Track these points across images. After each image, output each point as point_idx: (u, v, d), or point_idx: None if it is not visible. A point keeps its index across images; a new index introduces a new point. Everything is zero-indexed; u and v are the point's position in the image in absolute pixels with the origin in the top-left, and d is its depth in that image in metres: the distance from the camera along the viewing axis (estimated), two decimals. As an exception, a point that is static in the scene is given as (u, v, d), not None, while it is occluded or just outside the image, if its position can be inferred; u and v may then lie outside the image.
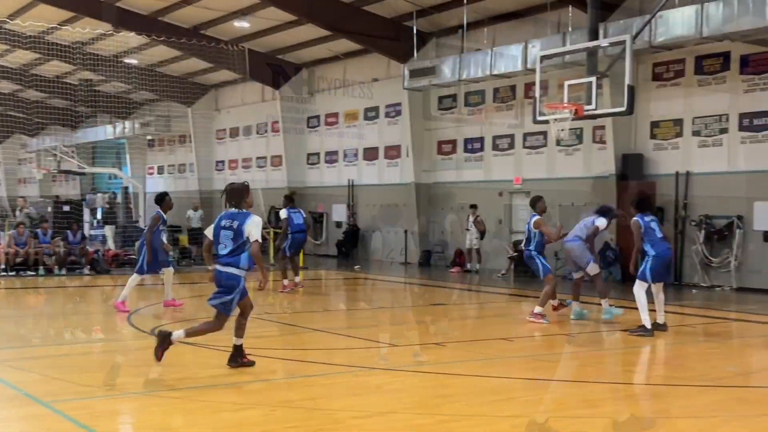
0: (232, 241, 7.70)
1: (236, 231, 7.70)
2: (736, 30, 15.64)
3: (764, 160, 17.05)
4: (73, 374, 7.87)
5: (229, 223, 7.76)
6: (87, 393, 7.10)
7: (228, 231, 7.75)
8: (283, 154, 29.93)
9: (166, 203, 12.64)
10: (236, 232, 7.70)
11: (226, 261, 7.70)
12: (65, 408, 6.41)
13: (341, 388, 7.37)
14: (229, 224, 7.76)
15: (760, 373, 8.81)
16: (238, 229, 7.69)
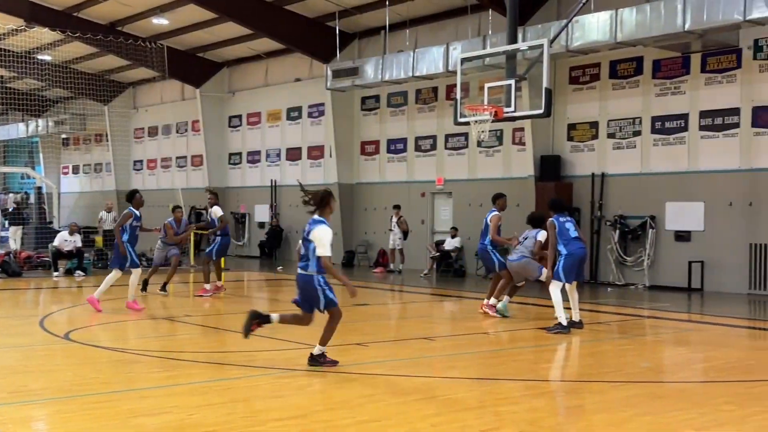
0: (304, 247, 8.24)
1: (306, 237, 8.18)
2: (649, 36, 16.18)
3: (675, 161, 17.67)
4: (-19, 381, 7.58)
5: (307, 229, 8.23)
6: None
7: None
8: (204, 154, 29.51)
9: (136, 200, 12.70)
10: (306, 239, 8.18)
11: (300, 265, 8.32)
12: (-28, 417, 6.17)
13: (262, 390, 7.31)
14: (306, 230, 8.24)
15: (672, 369, 9.12)
16: (307, 236, 8.17)
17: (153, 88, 32.16)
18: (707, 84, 17.17)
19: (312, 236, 8.07)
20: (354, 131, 24.83)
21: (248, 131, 28.73)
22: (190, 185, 30.18)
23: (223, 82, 29.39)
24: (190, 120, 30.71)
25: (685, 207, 17.49)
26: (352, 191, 24.56)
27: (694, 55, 17.29)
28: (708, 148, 17.16)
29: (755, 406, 6.82)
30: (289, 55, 25.96)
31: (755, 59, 16.42)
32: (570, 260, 10.86)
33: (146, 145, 33.50)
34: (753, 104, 16.45)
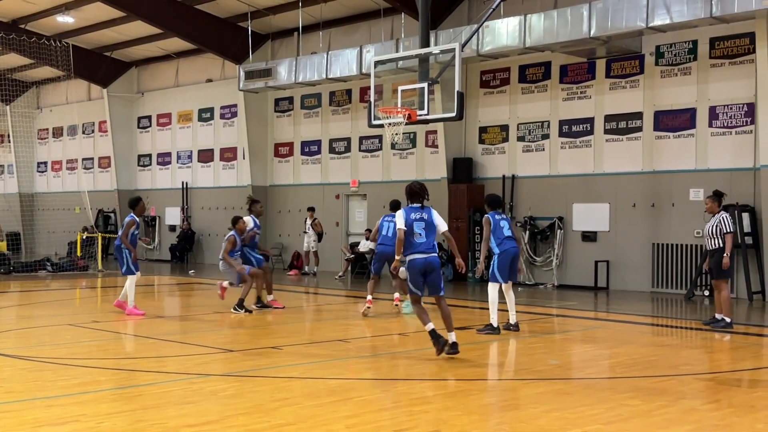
0: (425, 232, 8.80)
1: (427, 222, 8.83)
2: (556, 41, 16.64)
3: (581, 164, 18.21)
4: None
5: (421, 216, 8.84)
6: None
7: (420, 222, 8.82)
8: (112, 156, 28.76)
9: (140, 207, 13.03)
10: (428, 223, 8.82)
11: (427, 248, 8.85)
12: None
13: (174, 396, 7.18)
14: (420, 216, 8.83)
15: (579, 366, 9.39)
16: (429, 220, 8.84)
17: (58, 87, 31.13)
18: (612, 89, 17.76)
19: (437, 220, 8.83)
20: (267, 133, 24.64)
21: (158, 132, 28.15)
22: (98, 187, 29.36)
23: (131, 82, 28.71)
24: (97, 120, 29.88)
25: (591, 208, 18.04)
26: (265, 193, 24.35)
27: (599, 61, 17.86)
28: (612, 151, 17.74)
29: (659, 401, 7.09)
30: (201, 55, 25.57)
31: (657, 65, 17.08)
32: (503, 259, 10.82)
33: (51, 146, 32.42)
34: (655, 108, 17.11)
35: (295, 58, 21.65)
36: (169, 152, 27.71)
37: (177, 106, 27.31)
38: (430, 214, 8.94)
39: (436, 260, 8.90)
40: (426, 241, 8.83)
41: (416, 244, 8.80)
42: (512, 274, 11.05)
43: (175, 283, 20.38)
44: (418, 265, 8.83)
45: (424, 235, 8.82)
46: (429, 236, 8.85)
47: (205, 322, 12.47)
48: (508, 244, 10.90)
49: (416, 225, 8.81)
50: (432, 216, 8.94)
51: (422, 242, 8.81)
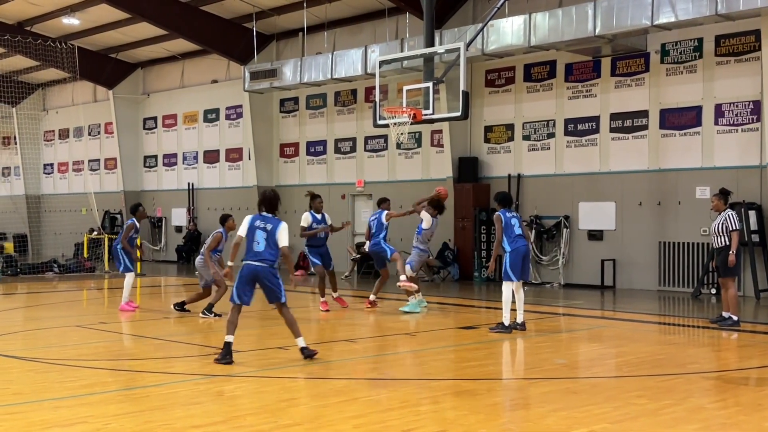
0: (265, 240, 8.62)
1: (269, 233, 8.67)
2: (561, 40, 16.61)
3: (587, 163, 18.17)
4: None
5: (263, 224, 8.71)
6: None
7: (262, 231, 8.68)
8: (118, 157, 28.81)
9: (140, 213, 13.98)
10: (270, 234, 8.66)
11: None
12: None
13: (181, 397, 7.19)
14: (263, 225, 8.70)
15: (586, 365, 9.37)
16: (271, 231, 8.67)
17: (64, 89, 31.20)
18: (617, 87, 17.72)
19: (280, 235, 8.74)
20: (273, 133, 24.66)
21: (164, 133, 28.19)
22: (104, 189, 29.42)
23: (137, 84, 28.75)
24: (103, 122, 29.93)
25: (598, 207, 18.00)
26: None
27: (604, 59, 17.82)
28: (618, 150, 17.70)
29: (666, 399, 7.07)
30: (206, 56, 25.60)
31: (662, 63, 17.04)
32: (515, 257, 10.78)
33: (57, 148, 32.49)
34: (661, 107, 17.06)
35: (300, 58, 21.65)
36: (175, 153, 27.74)
37: (182, 107, 27.35)
38: (276, 227, 8.66)
39: (264, 269, 8.61)
40: (263, 251, 8.59)
41: (252, 251, 8.61)
42: (524, 272, 11.00)
43: (181, 284, 20.40)
44: (245, 273, 8.68)
45: (262, 244, 8.59)
46: (267, 246, 8.59)
47: (210, 323, 12.47)
48: (519, 242, 10.87)
49: (258, 233, 8.63)
50: (277, 229, 8.65)
51: (259, 251, 8.60)
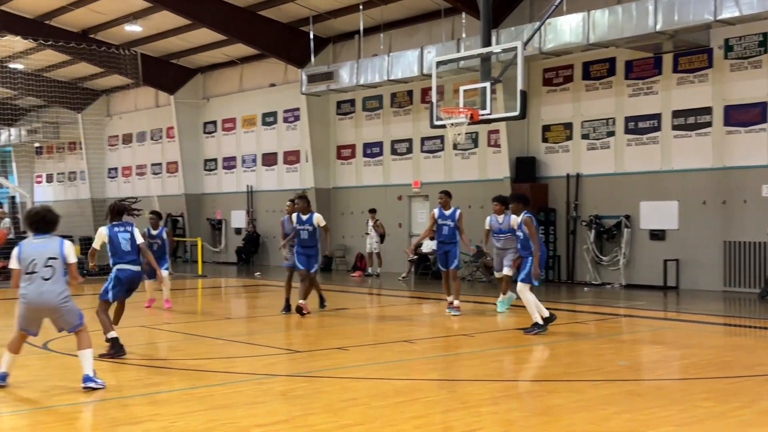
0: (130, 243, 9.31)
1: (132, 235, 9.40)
2: (621, 37, 16.35)
3: (649, 161, 17.86)
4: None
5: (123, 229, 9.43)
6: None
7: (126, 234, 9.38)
8: (179, 161, 29.35)
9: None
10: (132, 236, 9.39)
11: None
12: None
13: (244, 396, 7.30)
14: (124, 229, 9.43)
15: (649, 367, 9.21)
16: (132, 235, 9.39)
17: (127, 95, 31.95)
18: (679, 84, 17.38)
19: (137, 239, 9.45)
20: (330, 135, 24.84)
21: (223, 137, 28.64)
22: (166, 192, 30.00)
23: (197, 89, 29.27)
24: (164, 126, 30.55)
25: (660, 206, 17.68)
26: (328, 196, 24.56)
27: (666, 56, 17.49)
28: (681, 148, 17.36)
29: (734, 402, 6.91)
30: (264, 60, 25.91)
31: (726, 59, 16.65)
32: (542, 260, 10.83)
33: (121, 152, 33.27)
34: (725, 103, 16.67)
35: (356, 60, 21.77)
36: (234, 156, 28.16)
37: (241, 111, 27.74)
38: (133, 231, 9.44)
39: (139, 274, 9.48)
40: (131, 251, 9.33)
41: (123, 254, 9.29)
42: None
43: (241, 285, 20.70)
44: (123, 277, 9.30)
45: (129, 247, 9.32)
46: (133, 249, 9.35)
47: (271, 324, 12.63)
48: (543, 247, 10.94)
49: (121, 237, 9.33)
50: (134, 234, 9.42)
51: (128, 252, 9.31)
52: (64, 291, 7.31)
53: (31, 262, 7.21)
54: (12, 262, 7.25)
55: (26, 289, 7.23)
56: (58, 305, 7.26)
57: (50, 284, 7.19)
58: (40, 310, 7.30)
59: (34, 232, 7.38)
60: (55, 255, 7.26)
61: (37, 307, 7.27)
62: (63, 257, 7.29)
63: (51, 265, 7.20)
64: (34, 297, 7.22)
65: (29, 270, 7.20)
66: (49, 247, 7.28)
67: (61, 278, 7.28)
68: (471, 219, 21.00)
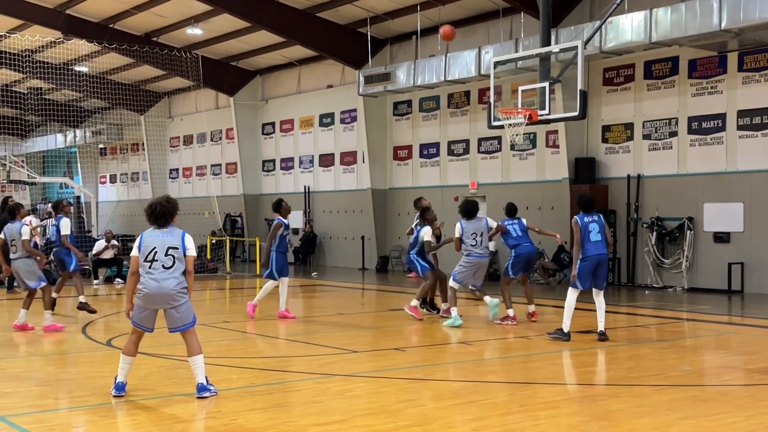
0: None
1: None
2: (684, 35, 16.00)
3: (713, 162, 17.45)
4: (26, 387, 7.72)
5: None
6: (42, 406, 6.98)
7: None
8: (238, 161, 29.74)
9: (284, 209, 13.26)
10: None
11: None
12: (20, 422, 6.29)
13: (301, 395, 7.35)
14: None
15: (714, 372, 8.99)
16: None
17: (188, 97, 32.51)
18: (744, 83, 16.93)
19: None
20: (386, 136, 24.87)
21: (281, 138, 28.92)
22: (225, 192, 30.43)
23: (256, 90, 29.62)
24: (224, 128, 30.99)
25: (724, 208, 17.24)
26: (385, 196, 24.59)
27: (730, 54, 17.06)
28: (746, 148, 16.91)
29: (802, 410, 6.70)
30: (322, 62, 26.09)
31: (794, 57, 16.17)
32: (585, 265, 10.26)
33: (181, 153, 33.85)
34: (792, 103, 16.19)
35: (413, 61, 21.75)
36: (292, 157, 28.41)
37: (299, 112, 27.97)
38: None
39: None
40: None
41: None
42: (597, 281, 10.37)
43: (298, 285, 20.86)
44: None
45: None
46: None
47: (328, 324, 12.70)
48: (592, 250, 10.28)
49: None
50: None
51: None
52: (182, 282, 7.11)
53: (152, 251, 7.08)
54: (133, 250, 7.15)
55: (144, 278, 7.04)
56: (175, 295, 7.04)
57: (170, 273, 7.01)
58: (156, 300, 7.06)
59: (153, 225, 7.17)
60: (177, 246, 7.11)
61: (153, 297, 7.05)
62: (184, 249, 7.13)
63: (172, 255, 7.04)
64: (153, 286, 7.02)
65: (148, 258, 7.04)
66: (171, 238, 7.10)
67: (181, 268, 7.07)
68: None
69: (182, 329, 7.16)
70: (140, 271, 7.10)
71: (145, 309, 7.10)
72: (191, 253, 7.17)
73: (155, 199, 7.41)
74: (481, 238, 12.11)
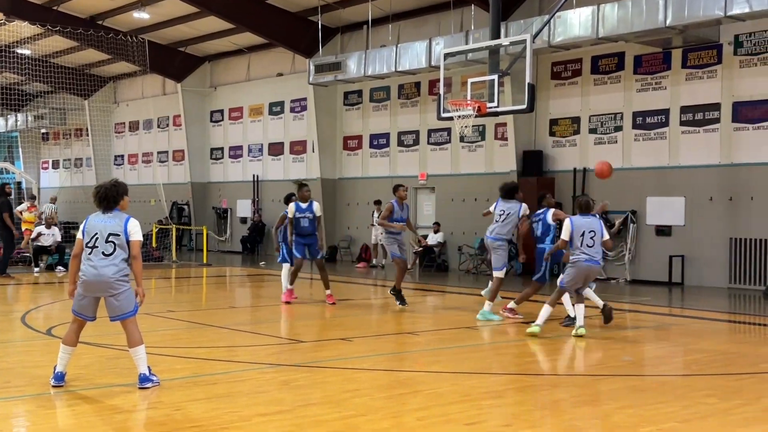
0: None
1: None
2: (630, 31, 16.27)
3: (656, 157, 17.80)
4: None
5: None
6: (-22, 397, 6.82)
7: None
8: (186, 149, 29.36)
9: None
10: None
11: None
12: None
13: (246, 385, 7.30)
14: None
15: (653, 363, 9.19)
16: None
17: (134, 82, 31.95)
18: (688, 79, 17.29)
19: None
20: (337, 126, 24.80)
21: (230, 126, 28.62)
22: (172, 180, 30.02)
23: (204, 77, 29.24)
24: (171, 114, 30.54)
25: (666, 202, 17.62)
26: (334, 186, 24.54)
27: (675, 51, 17.40)
28: (689, 144, 17.28)
29: (737, 399, 6.89)
30: (272, 49, 25.87)
31: (735, 55, 16.56)
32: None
33: (127, 139, 33.28)
34: (733, 99, 16.59)
35: (364, 51, 21.71)
36: (241, 146, 28.15)
37: (248, 100, 27.71)
38: None
39: None
40: None
41: None
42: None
43: (246, 274, 20.71)
44: None
45: None
46: None
47: (275, 313, 12.63)
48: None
49: None
50: None
51: None
52: (123, 270, 6.93)
53: (93, 236, 6.89)
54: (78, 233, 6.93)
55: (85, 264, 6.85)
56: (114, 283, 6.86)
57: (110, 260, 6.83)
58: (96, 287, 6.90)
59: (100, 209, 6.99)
60: (118, 232, 6.90)
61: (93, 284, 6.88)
62: (126, 235, 6.91)
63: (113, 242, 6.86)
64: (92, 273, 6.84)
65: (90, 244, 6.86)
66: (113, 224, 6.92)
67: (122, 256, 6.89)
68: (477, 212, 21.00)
69: (122, 318, 7.03)
70: (82, 257, 6.96)
71: (84, 297, 6.97)
72: (135, 238, 6.99)
73: (104, 182, 7.26)
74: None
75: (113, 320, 7.07)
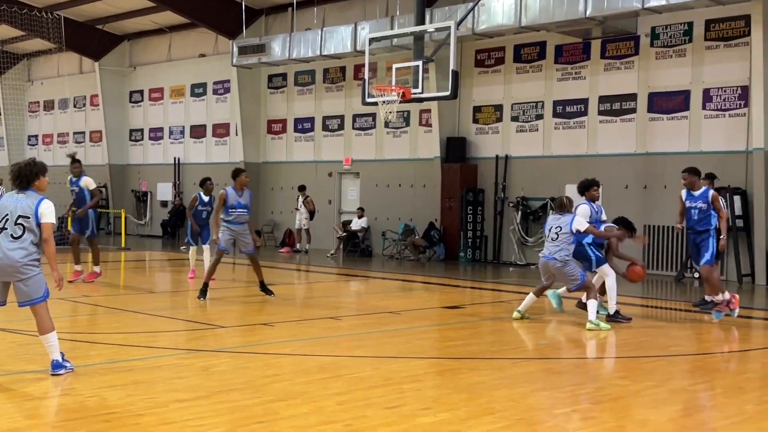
0: None
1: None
2: (552, 21, 16.56)
3: (575, 145, 18.19)
4: None
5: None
6: None
7: None
8: (104, 130, 28.59)
9: (207, 187, 14.60)
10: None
11: None
12: None
13: (165, 371, 7.17)
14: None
15: (568, 346, 9.42)
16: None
17: (49, 60, 30.86)
18: (606, 70, 17.70)
19: None
20: (261, 109, 24.52)
21: (150, 107, 27.97)
22: (89, 162, 29.13)
23: (123, 56, 28.48)
24: (88, 94, 29.66)
25: (584, 189, 17.99)
26: (258, 170, 24.27)
27: (594, 41, 17.79)
28: (606, 133, 17.72)
29: (648, 380, 7.12)
30: (194, 29, 25.35)
31: (652, 46, 17.03)
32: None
33: (42, 119, 32.19)
34: (649, 90, 17.07)
35: (289, 34, 21.50)
36: (161, 127, 27.56)
37: (169, 81, 27.12)
38: None
39: None
40: None
41: None
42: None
43: (166, 258, 20.34)
44: None
45: None
46: None
47: (195, 299, 12.43)
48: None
49: None
50: None
51: None
52: (32, 254, 6.68)
53: (4, 217, 6.64)
54: None
55: None
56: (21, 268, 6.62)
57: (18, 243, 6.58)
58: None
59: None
60: (28, 215, 6.64)
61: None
62: (37, 217, 6.64)
63: (22, 224, 6.60)
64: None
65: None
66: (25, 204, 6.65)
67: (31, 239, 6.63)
68: (401, 197, 21.10)
69: (31, 304, 6.79)
70: None
71: None
72: (46, 220, 6.72)
73: (23, 160, 6.98)
74: None
75: (22, 306, 6.84)
